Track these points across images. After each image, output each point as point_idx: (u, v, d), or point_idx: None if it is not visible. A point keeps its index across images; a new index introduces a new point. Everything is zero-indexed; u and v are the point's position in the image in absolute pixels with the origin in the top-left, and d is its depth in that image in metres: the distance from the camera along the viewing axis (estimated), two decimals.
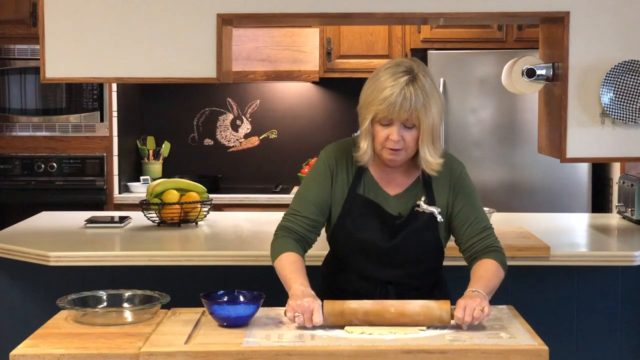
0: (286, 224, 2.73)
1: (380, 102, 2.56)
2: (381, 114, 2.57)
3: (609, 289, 3.54)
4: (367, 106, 2.61)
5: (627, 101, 3.58)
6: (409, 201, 2.71)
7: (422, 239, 2.70)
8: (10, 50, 5.37)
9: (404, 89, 2.55)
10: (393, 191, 2.72)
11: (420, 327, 2.44)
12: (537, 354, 2.27)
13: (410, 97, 2.55)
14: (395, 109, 2.55)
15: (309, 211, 2.71)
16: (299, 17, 3.65)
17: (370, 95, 2.60)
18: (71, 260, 3.37)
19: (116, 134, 5.48)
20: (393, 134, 2.58)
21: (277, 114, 6.05)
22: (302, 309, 2.44)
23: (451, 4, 3.55)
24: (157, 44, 3.59)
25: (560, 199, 5.44)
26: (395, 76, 2.57)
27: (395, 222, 2.68)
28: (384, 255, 2.70)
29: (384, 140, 2.60)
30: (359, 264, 2.72)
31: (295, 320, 2.44)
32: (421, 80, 2.58)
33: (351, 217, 2.70)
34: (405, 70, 2.58)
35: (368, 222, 2.69)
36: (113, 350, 2.27)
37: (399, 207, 2.70)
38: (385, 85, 2.56)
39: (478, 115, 5.48)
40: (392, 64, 2.62)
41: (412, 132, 2.60)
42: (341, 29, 5.69)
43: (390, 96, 2.55)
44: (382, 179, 2.73)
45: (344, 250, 2.74)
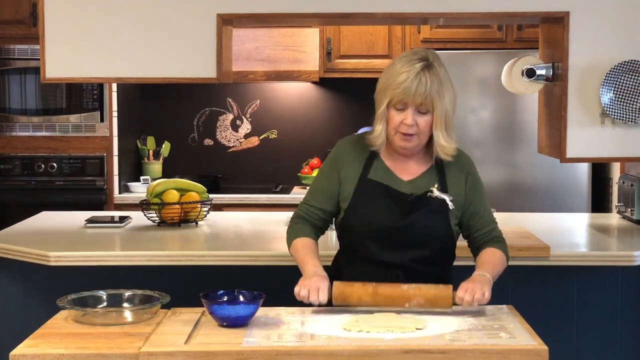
0: (299, 213, 2.88)
1: (396, 86, 2.66)
2: (396, 97, 2.67)
3: (609, 289, 3.54)
4: (383, 91, 2.71)
5: (627, 101, 3.58)
6: (422, 186, 2.77)
7: (433, 221, 2.76)
8: (10, 50, 5.37)
9: (419, 73, 2.66)
10: (406, 177, 2.79)
11: (418, 325, 2.44)
12: (537, 354, 2.27)
13: (426, 82, 2.65)
14: (411, 93, 2.64)
15: (318, 201, 2.84)
16: (299, 17, 3.65)
17: (387, 81, 2.70)
18: (71, 260, 3.37)
19: (116, 134, 5.48)
20: (407, 118, 2.67)
21: (277, 114, 6.05)
22: (309, 286, 2.57)
23: (451, 4, 3.55)
24: (157, 44, 3.60)
25: (560, 199, 5.44)
26: (411, 62, 2.68)
27: (406, 199, 2.74)
28: (395, 236, 2.74)
29: (398, 124, 2.69)
30: (371, 248, 2.76)
31: (300, 294, 2.57)
32: (436, 68, 2.69)
33: (363, 202, 2.76)
34: (420, 57, 2.70)
35: (379, 204, 2.75)
36: (113, 350, 2.27)
37: (411, 190, 2.77)
38: (401, 70, 2.67)
39: (478, 115, 5.47)
40: (409, 52, 2.74)
41: (426, 118, 2.69)
42: (341, 29, 5.69)
43: (405, 80, 2.65)
44: (395, 167, 2.80)
45: (356, 236, 2.79)
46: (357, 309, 2.59)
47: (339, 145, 2.88)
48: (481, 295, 2.55)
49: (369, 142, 2.78)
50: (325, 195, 2.84)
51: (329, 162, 2.87)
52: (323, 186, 2.85)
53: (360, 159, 2.81)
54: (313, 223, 2.85)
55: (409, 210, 2.74)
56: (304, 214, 2.86)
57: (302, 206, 2.88)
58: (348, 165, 2.81)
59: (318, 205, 2.84)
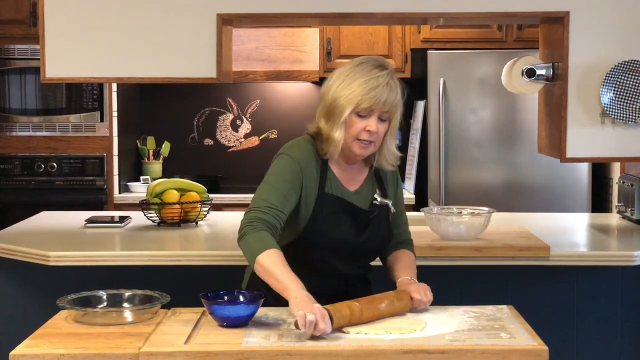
0: (264, 217, 2.61)
1: (366, 92, 2.62)
2: (365, 104, 2.62)
3: (609, 289, 3.54)
4: (346, 97, 2.64)
5: (627, 101, 3.58)
6: (367, 196, 2.79)
7: (383, 231, 2.80)
8: (10, 50, 5.37)
9: (389, 82, 2.64)
10: (352, 187, 2.78)
11: (417, 326, 2.44)
12: (537, 354, 2.27)
13: (394, 90, 2.65)
14: (381, 100, 2.62)
15: (283, 205, 2.65)
16: (299, 17, 3.65)
17: (349, 86, 2.64)
18: (71, 260, 3.37)
19: (116, 134, 5.48)
20: (372, 125, 2.64)
21: (277, 114, 6.05)
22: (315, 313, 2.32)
23: (451, 4, 3.55)
24: (157, 44, 3.60)
25: (560, 199, 5.44)
26: (377, 70, 2.65)
27: (368, 216, 2.75)
28: (353, 251, 2.75)
29: (359, 131, 2.65)
30: (330, 262, 2.71)
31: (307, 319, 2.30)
32: (395, 77, 2.69)
33: (324, 217, 2.70)
34: (382, 66, 2.68)
35: (340, 220, 2.72)
36: (113, 350, 2.27)
37: (360, 202, 2.77)
38: (370, 76, 2.63)
39: (478, 115, 5.47)
40: (365, 60, 2.69)
41: (384, 125, 2.68)
42: (341, 29, 5.69)
43: (377, 87, 2.62)
44: (343, 177, 2.77)
45: (316, 251, 2.69)
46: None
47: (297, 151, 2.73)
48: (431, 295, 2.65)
49: (324, 150, 2.70)
50: (289, 203, 2.66)
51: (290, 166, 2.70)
52: (287, 191, 2.66)
53: (316, 170, 2.71)
54: (277, 229, 2.62)
55: (365, 225, 2.75)
56: (270, 218, 2.61)
57: (266, 208, 2.62)
58: (308, 177, 2.70)
59: (284, 210, 2.64)
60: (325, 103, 2.72)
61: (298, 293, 2.42)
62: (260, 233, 2.57)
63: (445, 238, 3.45)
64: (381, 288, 2.85)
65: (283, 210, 2.65)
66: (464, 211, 3.52)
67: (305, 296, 2.41)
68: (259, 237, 2.56)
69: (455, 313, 2.60)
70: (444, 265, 3.32)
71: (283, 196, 2.66)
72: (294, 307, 2.38)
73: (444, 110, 5.42)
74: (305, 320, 2.30)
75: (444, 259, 3.33)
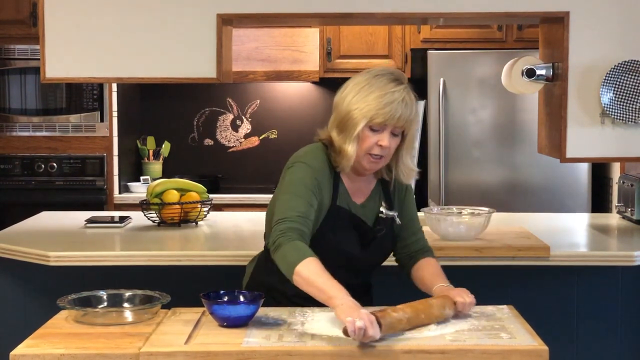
0: (295, 226, 2.55)
1: (382, 106, 2.57)
2: (379, 119, 2.58)
3: (609, 289, 3.54)
4: (361, 109, 2.59)
5: (627, 101, 3.58)
6: (373, 209, 2.77)
7: (387, 244, 2.79)
8: (10, 50, 5.37)
9: (405, 96, 2.60)
10: (359, 200, 2.76)
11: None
12: (537, 354, 2.26)
13: (410, 105, 2.61)
14: (397, 115, 2.58)
15: (310, 214, 2.61)
16: (299, 17, 3.65)
17: (365, 99, 2.60)
18: (71, 260, 3.37)
19: (116, 134, 5.48)
20: (384, 140, 2.61)
21: (277, 114, 6.05)
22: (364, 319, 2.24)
23: (451, 4, 3.55)
24: (157, 44, 3.60)
25: (560, 199, 5.44)
26: (394, 84, 2.61)
27: (374, 234, 2.74)
28: (357, 264, 2.74)
29: (372, 146, 2.62)
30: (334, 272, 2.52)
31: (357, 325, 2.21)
32: (411, 91, 2.65)
33: (333, 230, 2.69)
34: (398, 79, 2.63)
35: (348, 235, 2.71)
36: (113, 350, 2.27)
37: (366, 215, 2.75)
38: (387, 90, 2.59)
39: (478, 115, 5.48)
40: (382, 73, 2.65)
41: (396, 140, 2.65)
42: (341, 29, 5.69)
43: (393, 102, 2.58)
44: (352, 189, 2.75)
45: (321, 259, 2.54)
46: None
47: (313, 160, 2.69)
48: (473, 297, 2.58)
49: (337, 162, 2.68)
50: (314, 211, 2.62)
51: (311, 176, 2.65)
52: (312, 201, 2.62)
53: (329, 181, 2.69)
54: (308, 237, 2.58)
55: (370, 240, 2.75)
56: (303, 227, 2.56)
57: (297, 218, 2.57)
58: (322, 188, 2.67)
59: (312, 219, 2.61)
60: (338, 114, 2.67)
61: (344, 300, 2.35)
62: (295, 243, 2.52)
63: (445, 238, 3.45)
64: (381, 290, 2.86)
65: (310, 218, 2.60)
66: (464, 211, 3.52)
67: (351, 302, 2.33)
68: (294, 247, 2.51)
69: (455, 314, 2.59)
70: (444, 266, 3.30)
71: (309, 204, 2.61)
72: (341, 314, 2.29)
73: (444, 110, 5.42)
74: (355, 327, 2.22)
75: (444, 259, 3.32)
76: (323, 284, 2.42)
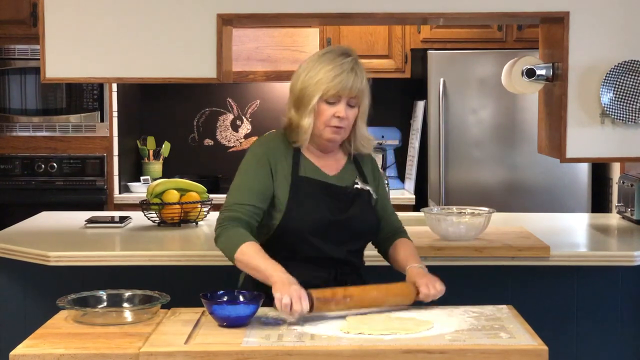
0: (232, 215, 2.69)
1: (331, 79, 2.69)
2: (332, 90, 2.69)
3: (609, 289, 3.54)
4: (313, 86, 2.71)
5: (627, 101, 3.58)
6: (349, 179, 2.83)
7: (368, 213, 2.83)
8: (10, 50, 5.37)
9: (354, 67, 2.72)
10: (331, 172, 2.82)
11: (427, 324, 2.44)
12: (537, 354, 2.27)
13: (360, 76, 2.72)
14: (348, 86, 2.69)
15: (254, 199, 2.71)
16: (299, 17, 3.65)
17: (317, 76, 2.71)
18: (71, 260, 3.37)
19: (116, 134, 5.48)
20: (341, 111, 2.71)
21: (277, 114, 6.03)
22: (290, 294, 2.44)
23: (451, 4, 3.55)
24: (157, 44, 3.60)
25: (560, 199, 5.44)
26: (341, 57, 2.73)
27: (344, 193, 2.79)
28: (337, 230, 2.75)
29: (329, 118, 2.72)
30: (315, 243, 2.71)
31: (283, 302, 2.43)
32: (360, 65, 2.75)
33: (301, 198, 2.73)
34: (344, 52, 2.76)
35: (319, 200, 2.75)
36: (113, 350, 2.27)
37: (340, 183, 2.81)
38: (332, 65, 2.71)
39: (478, 115, 5.47)
40: (330, 50, 2.79)
41: (354, 110, 2.75)
42: (341, 29, 5.69)
43: (341, 73, 2.70)
44: (320, 163, 2.82)
45: (298, 232, 2.71)
46: (354, 312, 2.57)
47: (262, 143, 2.81)
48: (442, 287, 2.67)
49: (294, 137, 2.77)
50: (260, 194, 2.72)
51: (255, 159, 2.77)
52: (254, 184, 2.72)
53: (287, 156, 2.78)
54: (250, 224, 2.69)
55: (346, 203, 2.78)
56: (240, 215, 2.68)
57: (234, 206, 2.70)
58: (277, 163, 2.76)
59: (256, 204, 2.70)
60: (294, 94, 2.79)
61: (278, 276, 2.51)
62: (233, 230, 2.66)
63: (445, 238, 3.45)
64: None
65: (254, 204, 2.71)
66: (464, 211, 3.52)
67: (285, 278, 2.50)
68: (233, 234, 2.66)
69: (455, 313, 2.60)
70: (444, 266, 3.32)
71: (249, 190, 2.73)
72: (274, 290, 2.48)
73: (444, 110, 5.42)
74: (282, 303, 2.43)
75: (444, 259, 3.33)
76: (260, 264, 2.58)
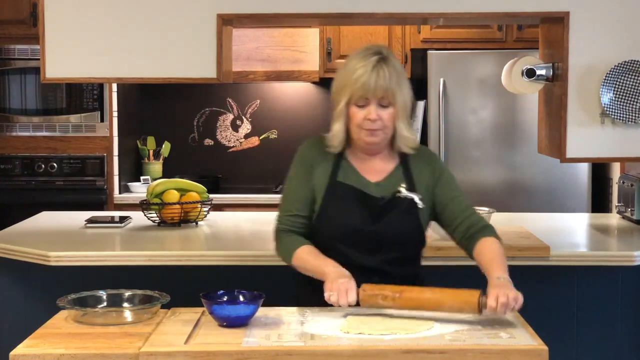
0: (283, 227, 2.79)
1: (354, 82, 2.63)
2: (357, 93, 2.64)
3: (609, 289, 3.54)
4: (340, 90, 2.68)
5: (627, 101, 3.58)
6: (390, 188, 2.75)
7: (404, 223, 2.74)
8: (10, 50, 5.37)
9: (376, 66, 2.63)
10: (374, 178, 2.76)
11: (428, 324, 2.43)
12: (537, 354, 2.27)
13: (384, 75, 2.63)
14: (371, 87, 2.62)
15: (299, 209, 2.76)
16: (299, 17, 3.65)
17: (343, 79, 2.67)
18: (71, 260, 3.37)
19: (116, 134, 5.48)
20: (371, 113, 2.65)
21: (277, 114, 6.05)
22: (337, 290, 2.50)
23: (451, 4, 3.55)
24: (157, 44, 3.60)
25: (560, 199, 5.44)
26: (366, 58, 2.65)
27: (377, 203, 2.72)
28: (368, 240, 2.72)
29: (362, 120, 2.66)
30: (344, 250, 2.72)
31: (331, 300, 2.50)
32: (391, 61, 2.67)
33: (333, 204, 2.73)
34: (374, 52, 2.67)
35: (350, 207, 2.72)
36: (113, 350, 2.27)
37: (380, 193, 2.75)
38: (357, 66, 2.65)
39: (478, 115, 5.47)
40: (361, 49, 2.72)
41: (388, 111, 2.67)
42: (341, 29, 5.69)
43: (363, 75, 2.62)
44: (362, 168, 2.77)
45: (328, 238, 2.74)
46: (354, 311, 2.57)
47: (305, 148, 2.83)
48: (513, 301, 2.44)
49: (328, 142, 2.75)
50: (303, 202, 2.76)
51: (299, 166, 2.81)
52: (299, 193, 2.77)
53: (327, 160, 2.77)
54: (300, 233, 2.76)
55: (379, 213, 2.72)
56: (289, 227, 2.77)
57: (283, 219, 2.79)
58: (317, 167, 2.76)
59: (301, 213, 2.76)
60: (332, 101, 2.76)
61: (328, 271, 2.58)
62: (287, 238, 2.77)
63: (445, 238, 3.44)
64: None
65: (297, 213, 2.77)
66: None
67: (334, 273, 2.56)
68: (286, 242, 2.76)
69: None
70: (444, 265, 3.32)
71: (293, 200, 2.78)
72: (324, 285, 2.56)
73: (444, 110, 5.42)
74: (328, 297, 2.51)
75: (444, 259, 3.33)
76: (313, 266, 2.67)
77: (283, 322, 2.49)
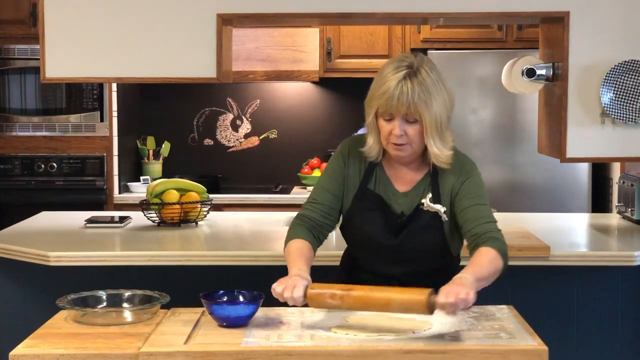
0: (303, 212, 2.78)
1: (380, 96, 2.59)
2: (381, 108, 2.60)
3: (609, 289, 3.54)
4: (369, 102, 2.64)
5: (627, 101, 3.58)
6: (415, 199, 2.71)
7: (425, 238, 2.69)
8: (10, 50, 5.37)
9: (400, 82, 2.56)
10: (402, 188, 2.73)
11: (425, 326, 2.43)
12: (537, 354, 2.26)
13: (408, 92, 2.55)
14: (393, 103, 2.56)
15: (324, 198, 2.76)
16: (299, 17, 3.65)
17: (372, 91, 2.63)
18: (71, 260, 3.37)
19: (116, 134, 5.48)
20: (395, 129, 2.60)
21: (277, 114, 6.05)
22: (285, 283, 2.46)
23: (451, 4, 3.55)
24: (157, 44, 3.60)
25: (560, 199, 5.44)
26: (396, 70, 2.58)
27: (397, 220, 2.70)
28: (387, 252, 2.71)
29: (388, 134, 2.62)
30: (366, 257, 2.77)
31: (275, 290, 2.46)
32: (422, 74, 2.59)
33: (359, 211, 2.73)
34: (406, 65, 2.60)
35: (374, 218, 2.71)
36: (113, 350, 2.27)
37: (406, 204, 2.71)
38: (386, 79, 2.59)
39: (478, 115, 5.47)
40: (396, 59, 2.65)
41: (415, 127, 2.60)
42: (341, 29, 5.69)
43: (387, 90, 2.57)
44: (393, 175, 2.75)
45: (351, 243, 2.82)
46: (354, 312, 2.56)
47: (345, 145, 2.81)
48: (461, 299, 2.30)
49: (365, 153, 2.71)
50: (331, 193, 2.75)
51: (334, 159, 2.79)
52: (330, 185, 2.76)
53: (362, 163, 2.75)
54: (318, 222, 2.74)
55: (399, 229, 2.69)
56: (309, 213, 2.75)
57: (307, 205, 2.78)
58: (351, 167, 2.76)
59: (325, 202, 2.74)
60: None
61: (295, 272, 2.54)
62: (295, 228, 2.75)
63: None
64: None
65: (326, 203, 2.76)
66: None
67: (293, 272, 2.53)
68: (292, 231, 2.75)
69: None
70: None
71: (325, 190, 2.77)
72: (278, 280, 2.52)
73: None
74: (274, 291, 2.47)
75: None
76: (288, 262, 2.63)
77: (283, 322, 2.49)
